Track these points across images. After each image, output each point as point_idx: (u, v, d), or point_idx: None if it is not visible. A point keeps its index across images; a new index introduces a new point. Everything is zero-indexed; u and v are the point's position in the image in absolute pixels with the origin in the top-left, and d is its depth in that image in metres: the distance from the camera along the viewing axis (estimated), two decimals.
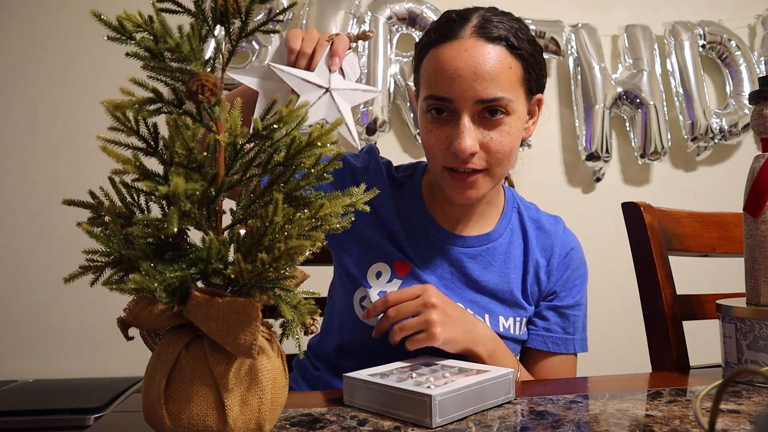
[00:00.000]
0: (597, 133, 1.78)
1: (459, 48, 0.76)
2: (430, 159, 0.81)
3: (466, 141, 0.75)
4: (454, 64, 0.75)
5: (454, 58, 0.75)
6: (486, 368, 0.64)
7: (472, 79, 0.74)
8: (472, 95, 0.75)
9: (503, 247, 0.89)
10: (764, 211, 0.71)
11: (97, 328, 1.61)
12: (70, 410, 1.27)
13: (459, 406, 0.57)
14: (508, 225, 0.91)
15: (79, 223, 0.44)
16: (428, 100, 0.78)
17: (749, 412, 0.57)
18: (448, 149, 0.77)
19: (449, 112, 0.77)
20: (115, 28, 0.43)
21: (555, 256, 0.89)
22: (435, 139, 0.78)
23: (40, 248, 1.62)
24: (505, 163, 0.79)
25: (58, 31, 1.66)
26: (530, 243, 0.90)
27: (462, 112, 0.76)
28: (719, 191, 1.93)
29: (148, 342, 0.50)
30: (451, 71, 0.75)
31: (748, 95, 0.77)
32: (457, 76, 0.75)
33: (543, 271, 0.89)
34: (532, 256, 0.89)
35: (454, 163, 0.78)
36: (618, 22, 1.89)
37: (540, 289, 0.89)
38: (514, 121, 0.78)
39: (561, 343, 0.87)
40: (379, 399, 0.59)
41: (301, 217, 0.44)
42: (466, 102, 0.75)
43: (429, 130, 0.79)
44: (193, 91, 0.43)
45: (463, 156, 0.76)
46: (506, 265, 0.88)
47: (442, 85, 0.76)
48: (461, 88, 0.74)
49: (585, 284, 0.92)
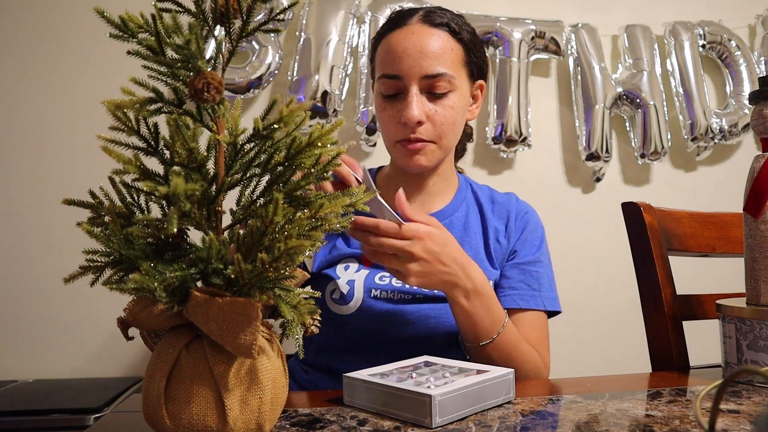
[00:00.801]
0: (597, 133, 1.78)
1: (407, 32, 0.86)
2: (384, 135, 0.90)
3: (413, 110, 0.83)
4: (403, 45, 0.85)
5: (402, 40, 0.85)
6: (486, 368, 0.64)
7: (419, 57, 0.84)
8: (418, 71, 0.84)
9: (460, 220, 0.95)
10: (764, 211, 0.71)
11: (97, 328, 1.61)
12: (70, 410, 1.27)
13: (459, 406, 0.57)
14: (464, 200, 0.97)
15: (79, 223, 0.44)
16: (381, 79, 0.87)
17: (749, 412, 0.57)
18: (398, 123, 0.86)
19: (399, 89, 0.86)
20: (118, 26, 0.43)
21: (511, 220, 0.96)
22: (388, 116, 0.87)
23: (40, 248, 1.62)
24: (451, 135, 0.88)
25: (59, 31, 1.65)
26: (486, 214, 0.96)
27: (410, 86, 0.84)
28: (719, 191, 1.93)
29: (148, 342, 0.50)
30: (400, 51, 0.85)
31: (748, 95, 0.77)
32: (405, 55, 0.84)
33: (502, 235, 0.95)
34: (490, 224, 0.95)
35: (404, 133, 0.86)
36: (618, 22, 1.89)
37: (502, 251, 0.94)
38: (457, 98, 0.87)
39: (529, 298, 0.90)
40: (379, 399, 0.59)
41: (301, 217, 0.44)
42: (414, 77, 0.84)
43: (382, 108, 0.88)
44: (198, 89, 0.43)
45: (411, 123, 0.84)
46: (466, 234, 0.94)
47: (392, 64, 0.85)
48: (409, 65, 0.84)
49: (544, 244, 0.97)
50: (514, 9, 1.82)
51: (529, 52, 1.78)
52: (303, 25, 1.66)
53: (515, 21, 1.76)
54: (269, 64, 1.63)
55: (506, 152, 1.77)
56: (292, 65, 1.65)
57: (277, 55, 1.65)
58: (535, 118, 1.81)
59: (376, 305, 0.85)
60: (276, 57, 1.64)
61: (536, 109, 1.82)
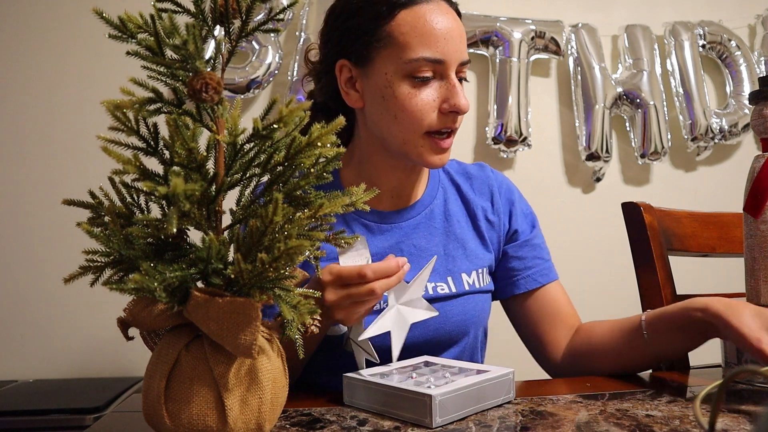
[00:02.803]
0: (597, 133, 1.78)
1: (437, 9, 0.75)
2: (408, 125, 0.76)
3: (464, 98, 0.75)
4: (445, 25, 0.74)
5: (443, 20, 0.75)
6: (486, 368, 0.64)
7: (459, 40, 0.76)
8: (459, 56, 0.76)
9: (440, 207, 0.88)
10: (764, 211, 0.71)
11: (97, 328, 1.61)
12: (70, 410, 1.27)
13: (459, 406, 0.57)
14: (439, 183, 0.90)
15: (79, 223, 0.44)
16: (418, 61, 0.74)
17: (749, 412, 0.57)
18: (436, 111, 0.76)
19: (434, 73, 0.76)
20: (117, 26, 0.43)
21: (495, 195, 0.90)
22: (423, 103, 0.75)
23: (40, 248, 1.62)
24: None
25: (58, 31, 1.65)
26: (467, 193, 0.90)
27: (450, 72, 0.76)
28: (719, 191, 1.93)
29: (148, 342, 0.50)
30: (444, 31, 0.74)
31: (748, 95, 0.77)
32: (450, 36, 0.74)
33: (490, 212, 0.89)
34: (474, 203, 0.89)
35: (445, 123, 0.77)
36: (618, 22, 1.89)
37: (497, 231, 0.89)
38: None
39: (546, 271, 0.88)
40: (379, 399, 0.59)
41: (301, 217, 0.44)
42: (455, 62, 0.76)
43: (412, 95, 0.75)
44: (197, 89, 0.43)
45: (463, 112, 0.76)
46: (448, 223, 0.87)
47: (436, 46, 0.74)
48: (454, 48, 0.75)
49: (529, 208, 0.93)
50: (514, 9, 1.82)
51: (529, 52, 1.78)
52: (303, 25, 1.66)
53: (515, 21, 1.76)
54: (269, 64, 1.63)
55: (506, 152, 1.77)
56: (292, 65, 1.65)
57: (277, 55, 1.65)
58: (535, 118, 1.81)
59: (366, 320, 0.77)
60: (276, 57, 1.64)
61: (536, 109, 1.82)
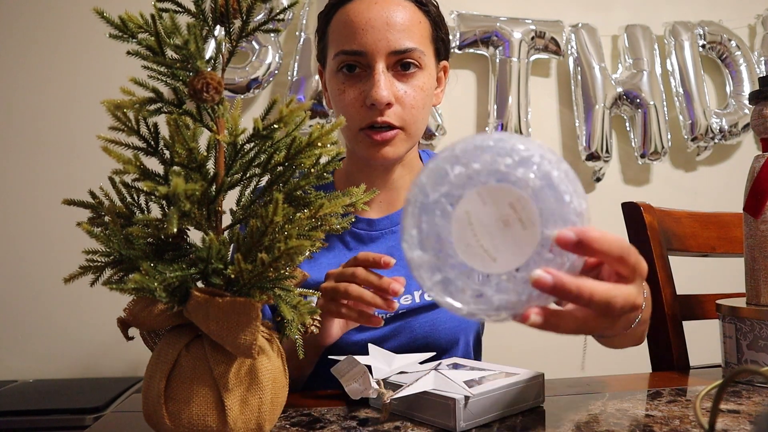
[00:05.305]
0: (597, 133, 1.78)
1: (369, 2, 0.74)
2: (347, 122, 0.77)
3: (382, 90, 0.72)
4: (366, 16, 0.73)
5: (365, 10, 0.74)
6: (515, 371, 0.61)
7: (385, 29, 0.73)
8: (385, 46, 0.73)
9: None
10: (764, 211, 0.71)
11: (97, 328, 1.61)
12: (70, 410, 1.27)
13: (485, 410, 0.54)
14: None
15: (79, 223, 0.44)
16: (339, 56, 0.75)
17: (749, 412, 0.57)
18: (362, 106, 0.74)
19: (362, 67, 0.75)
20: (118, 26, 0.43)
21: None
22: (349, 99, 0.75)
23: (40, 248, 1.62)
24: (420, 120, 0.78)
25: (59, 31, 1.65)
26: None
27: (376, 63, 0.73)
28: (719, 191, 1.93)
29: (148, 342, 0.50)
30: (363, 23, 0.73)
31: (748, 95, 0.77)
32: (370, 27, 0.73)
33: None
34: None
35: (371, 118, 0.74)
36: (618, 22, 1.89)
37: None
38: (425, 77, 0.77)
39: None
40: (402, 401, 0.57)
41: (301, 217, 0.44)
42: (380, 53, 0.73)
43: (341, 90, 0.76)
44: (197, 89, 0.43)
45: (381, 106, 0.73)
46: None
47: (354, 38, 0.73)
48: (374, 38, 0.73)
49: None
50: (514, 9, 1.82)
51: (529, 52, 1.78)
52: (303, 25, 1.66)
53: (515, 21, 1.76)
54: (269, 64, 1.63)
55: None
56: (292, 65, 1.65)
57: (277, 55, 1.65)
58: (535, 118, 1.81)
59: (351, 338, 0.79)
60: (276, 57, 1.64)
61: (536, 109, 1.82)
